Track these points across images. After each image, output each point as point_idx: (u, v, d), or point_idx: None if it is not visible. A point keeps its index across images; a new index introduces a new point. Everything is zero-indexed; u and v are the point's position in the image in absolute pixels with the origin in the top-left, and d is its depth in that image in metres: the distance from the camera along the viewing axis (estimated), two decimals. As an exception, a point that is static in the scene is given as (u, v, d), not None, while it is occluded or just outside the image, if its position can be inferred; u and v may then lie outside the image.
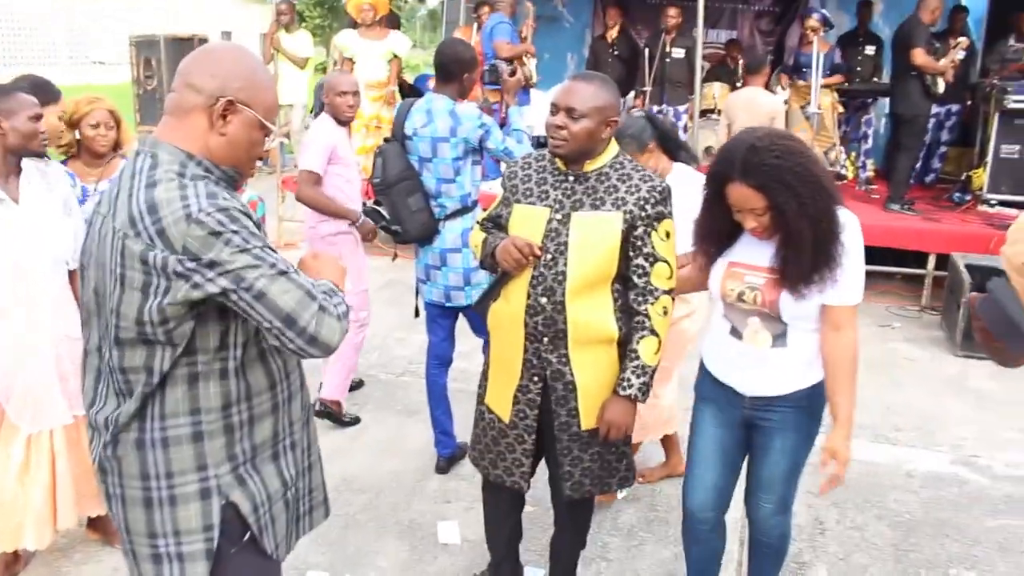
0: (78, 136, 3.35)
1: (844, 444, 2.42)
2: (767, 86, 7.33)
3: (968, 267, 5.73)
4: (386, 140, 3.73)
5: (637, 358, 2.53)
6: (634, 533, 3.51)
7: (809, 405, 2.50)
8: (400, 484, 3.84)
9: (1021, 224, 2.12)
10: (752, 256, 2.43)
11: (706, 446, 2.64)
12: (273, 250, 1.68)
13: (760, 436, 2.57)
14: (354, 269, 4.15)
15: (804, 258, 2.28)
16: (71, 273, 2.98)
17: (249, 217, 1.67)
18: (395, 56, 7.48)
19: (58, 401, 2.96)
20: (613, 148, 2.60)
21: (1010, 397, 5.00)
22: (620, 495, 3.75)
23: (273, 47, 8.78)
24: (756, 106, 6.65)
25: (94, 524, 3.30)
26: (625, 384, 2.54)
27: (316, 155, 4.10)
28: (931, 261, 6.57)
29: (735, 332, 2.49)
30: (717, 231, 2.47)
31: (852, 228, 2.34)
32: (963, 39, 7.22)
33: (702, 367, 2.67)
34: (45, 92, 3.31)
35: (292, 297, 1.63)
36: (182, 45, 7.47)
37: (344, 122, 4.22)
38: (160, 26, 14.36)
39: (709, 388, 2.62)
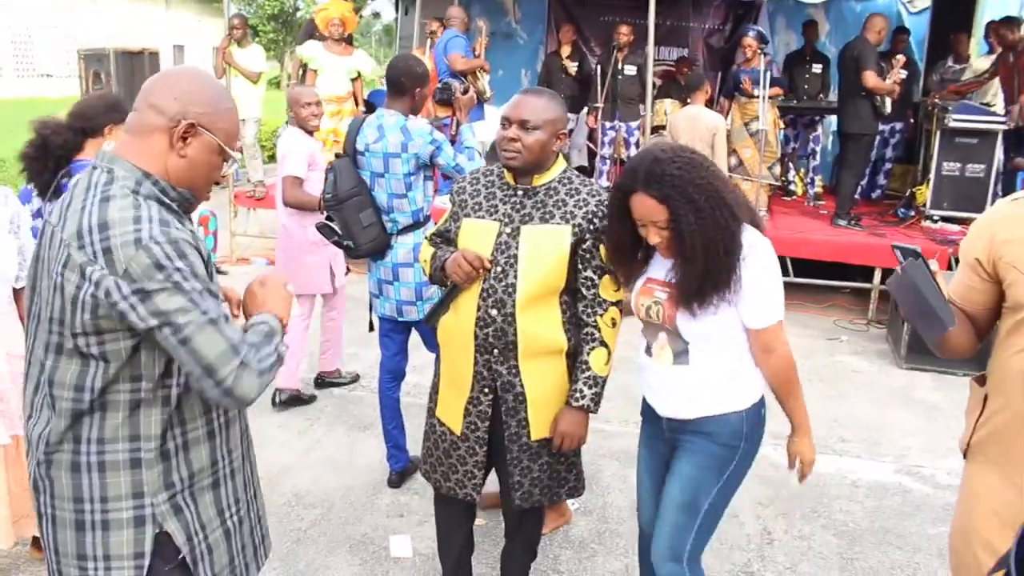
0: None
1: (807, 445, 2.43)
2: (711, 103, 7.44)
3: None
4: (337, 156, 3.74)
5: (588, 369, 2.56)
6: (585, 545, 3.53)
7: (715, 433, 2.39)
8: (352, 499, 3.83)
9: (980, 221, 2.15)
10: (659, 271, 2.41)
11: (641, 464, 2.65)
12: (213, 293, 1.68)
13: (671, 461, 2.51)
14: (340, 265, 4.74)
15: (694, 274, 2.24)
16: (16, 291, 2.93)
17: (198, 251, 1.68)
18: (359, 74, 7.50)
19: None
20: (561, 163, 2.64)
21: (953, 408, 5.12)
22: (572, 507, 3.77)
23: (225, 61, 8.71)
24: (698, 123, 6.74)
25: (37, 544, 3.23)
26: (578, 395, 2.56)
27: (298, 161, 4.47)
28: (877, 275, 6.72)
29: (648, 349, 2.46)
30: (625, 245, 2.43)
31: (760, 250, 2.30)
32: (900, 56, 7.42)
33: None
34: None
35: (215, 349, 1.63)
36: (132, 59, 7.39)
37: (310, 131, 4.58)
38: (109, 39, 14.18)
39: (643, 408, 2.62)
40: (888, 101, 7.36)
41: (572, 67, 8.75)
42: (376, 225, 3.62)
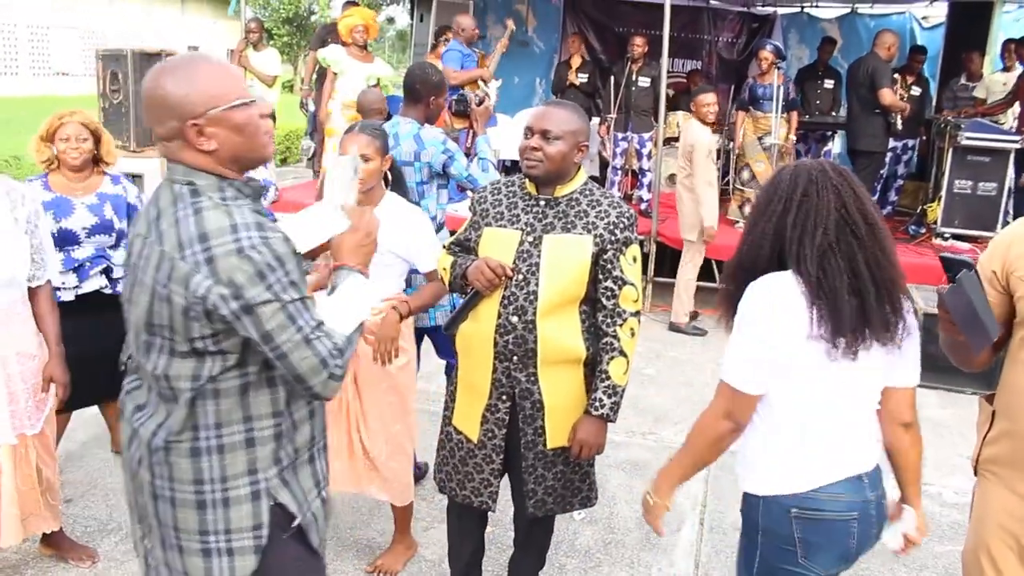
0: (56, 150, 3.38)
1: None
2: (723, 116, 7.42)
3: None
4: None
5: (608, 378, 2.58)
6: (591, 555, 3.54)
7: (746, 517, 2.13)
8: (360, 503, 3.84)
9: (1001, 235, 2.18)
10: None
11: None
12: (306, 300, 1.77)
13: None
14: None
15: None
16: (31, 291, 2.96)
17: (290, 247, 1.75)
18: (379, 80, 7.54)
19: (3, 420, 2.89)
20: (583, 175, 2.67)
21: (960, 426, 5.12)
22: (578, 517, 3.78)
23: (241, 64, 8.77)
24: (684, 136, 6.67)
25: (48, 540, 3.25)
26: (597, 404, 2.58)
27: None
28: (886, 292, 6.71)
29: None
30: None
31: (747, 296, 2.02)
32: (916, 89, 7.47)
33: None
34: None
35: (307, 365, 1.74)
36: (150, 60, 7.42)
37: None
38: (125, 40, 14.28)
39: None
40: (899, 118, 7.40)
41: (581, 78, 8.75)
42: (390, 232, 3.64)
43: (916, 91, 8.39)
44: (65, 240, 3.38)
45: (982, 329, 2.01)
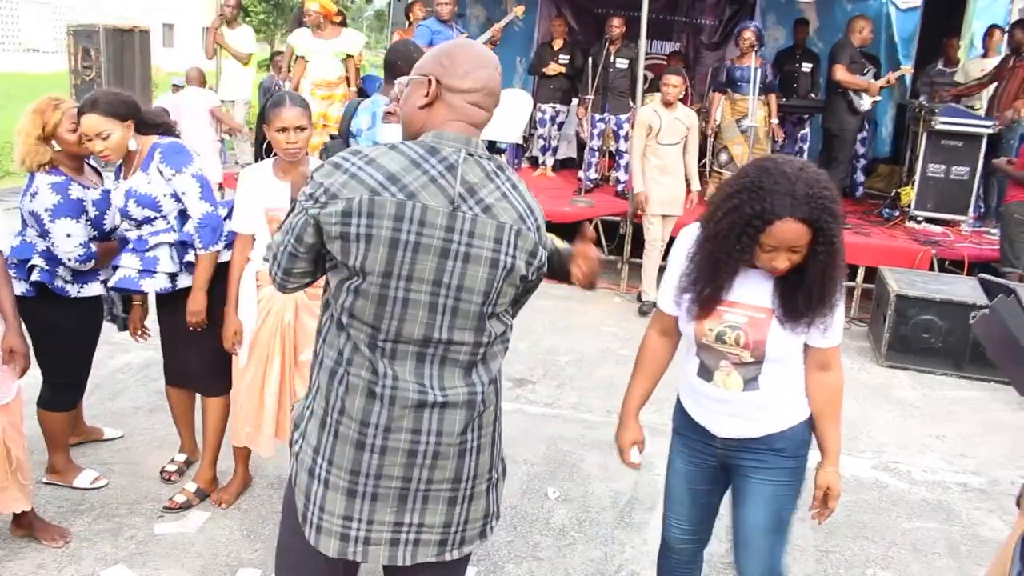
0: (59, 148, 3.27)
1: (836, 478, 2.37)
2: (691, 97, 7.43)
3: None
4: (332, 137, 3.75)
5: None
6: (565, 533, 3.57)
7: (786, 448, 2.35)
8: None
9: None
10: (738, 295, 2.26)
11: (679, 483, 2.55)
12: None
13: (738, 481, 2.43)
14: None
15: (828, 292, 2.17)
16: None
17: None
18: (348, 55, 7.47)
19: None
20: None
21: (930, 406, 5.20)
22: (553, 495, 3.81)
23: (216, 42, 8.67)
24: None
25: (19, 520, 3.23)
26: None
27: None
28: (860, 274, 6.79)
29: (704, 372, 2.36)
30: (733, 270, 2.22)
31: None
32: (905, 67, 7.52)
33: (678, 399, 2.55)
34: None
35: None
36: (122, 36, 7.34)
37: None
38: (98, 16, 14.05)
39: (681, 422, 2.53)
40: (865, 98, 7.44)
41: (563, 60, 8.73)
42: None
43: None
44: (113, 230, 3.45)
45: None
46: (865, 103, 7.42)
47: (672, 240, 6.85)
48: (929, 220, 7.48)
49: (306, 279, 1.94)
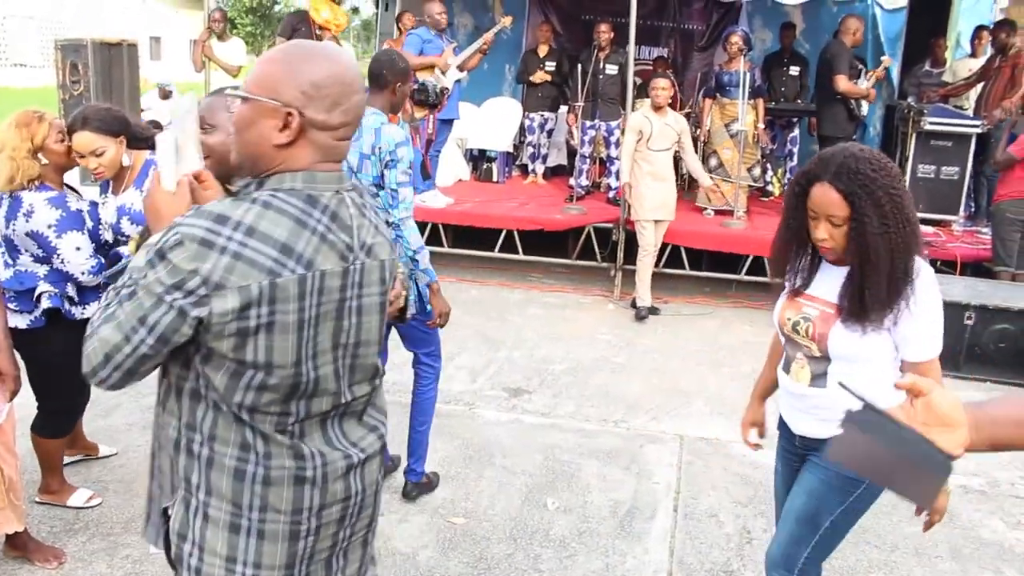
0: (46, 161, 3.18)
1: (943, 493, 2.27)
2: (676, 102, 7.42)
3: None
4: None
5: None
6: (566, 544, 3.54)
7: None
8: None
9: None
10: (817, 288, 2.32)
11: (777, 478, 2.58)
12: None
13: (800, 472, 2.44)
14: None
15: (873, 284, 2.15)
16: None
17: None
18: None
19: None
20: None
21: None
22: (552, 506, 3.78)
23: (205, 55, 8.65)
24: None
25: (12, 541, 3.18)
26: None
27: None
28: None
29: (786, 364, 2.40)
30: (791, 240, 2.32)
31: (929, 279, 2.22)
32: (885, 58, 7.50)
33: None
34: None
35: None
36: (110, 50, 7.30)
37: None
38: (85, 30, 14.00)
39: (779, 421, 2.54)
40: (864, 104, 7.45)
41: (549, 67, 8.72)
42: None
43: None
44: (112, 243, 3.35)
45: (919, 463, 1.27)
46: (864, 109, 7.45)
47: (664, 246, 6.91)
48: (921, 221, 7.47)
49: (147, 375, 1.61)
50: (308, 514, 1.67)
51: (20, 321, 3.15)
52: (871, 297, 2.16)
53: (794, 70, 8.86)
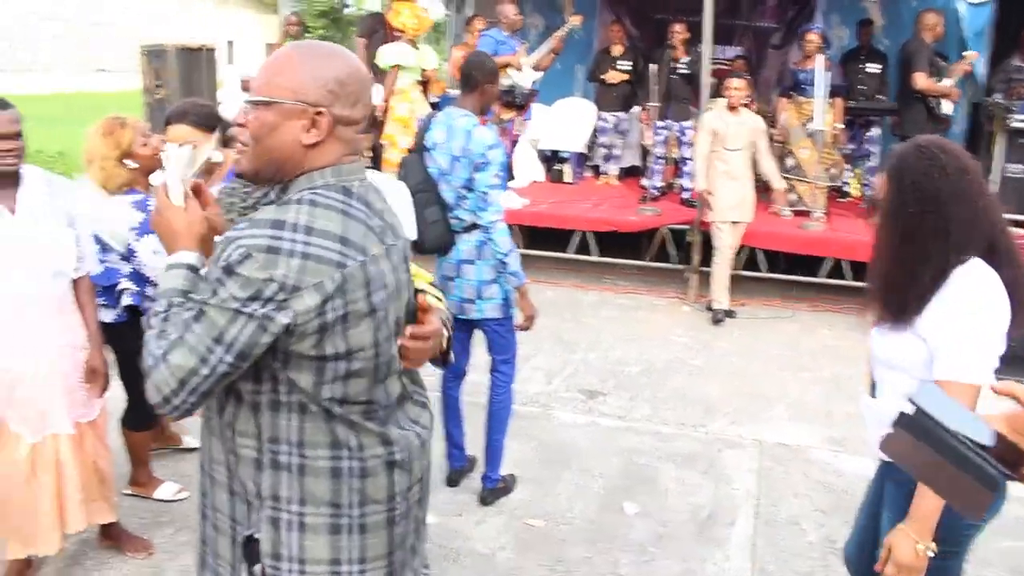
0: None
1: (906, 543, 1.97)
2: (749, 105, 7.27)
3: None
4: (409, 151, 3.77)
5: None
6: (644, 549, 3.50)
7: (902, 479, 2.04)
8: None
9: None
10: None
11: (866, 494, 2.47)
12: None
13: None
14: None
15: (883, 270, 2.07)
16: (75, 282, 2.97)
17: None
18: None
19: (60, 411, 2.94)
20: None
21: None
22: (631, 511, 3.74)
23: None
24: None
25: (106, 531, 3.29)
26: None
27: None
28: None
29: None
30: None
31: (976, 282, 1.95)
32: (971, 52, 7.24)
33: None
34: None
35: None
36: (190, 55, 7.48)
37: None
38: (163, 34, 14.39)
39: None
40: (946, 103, 7.20)
41: (624, 67, 8.64)
42: (441, 223, 3.60)
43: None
44: None
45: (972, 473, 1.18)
46: (947, 109, 7.19)
47: (742, 248, 6.78)
48: (1011, 223, 7.21)
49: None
50: (400, 499, 1.73)
51: (107, 316, 3.24)
52: (885, 285, 2.09)
53: (872, 68, 8.61)
